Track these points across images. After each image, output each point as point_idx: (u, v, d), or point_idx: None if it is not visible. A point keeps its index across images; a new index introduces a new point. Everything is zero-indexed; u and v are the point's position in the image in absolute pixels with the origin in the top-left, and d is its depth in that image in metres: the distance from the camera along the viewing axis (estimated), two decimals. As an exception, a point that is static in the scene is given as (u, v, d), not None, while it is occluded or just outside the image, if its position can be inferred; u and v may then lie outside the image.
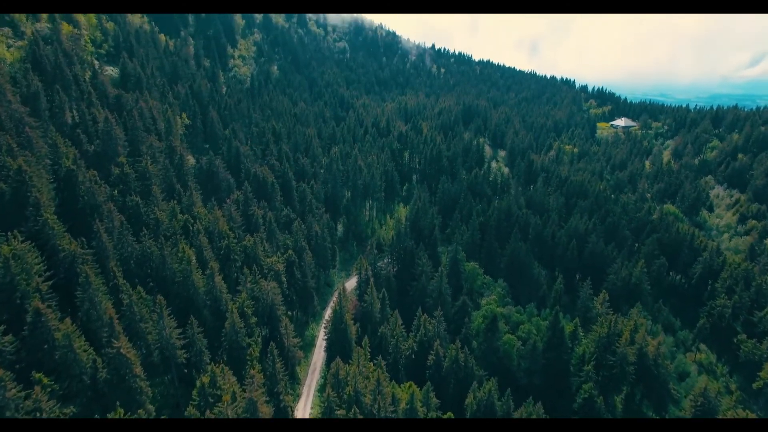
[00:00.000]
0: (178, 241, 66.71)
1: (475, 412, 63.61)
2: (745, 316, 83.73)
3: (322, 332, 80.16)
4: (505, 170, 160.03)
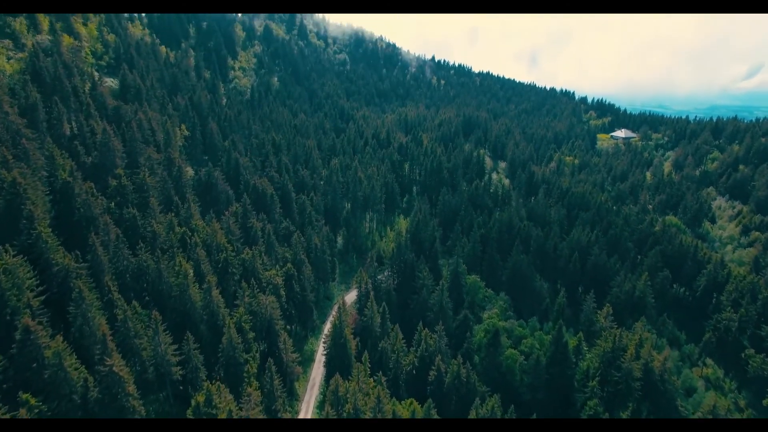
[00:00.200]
0: (175, 254, 65.61)
1: (477, 430, 61.85)
2: (752, 330, 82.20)
3: (322, 347, 78.63)
4: (506, 182, 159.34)
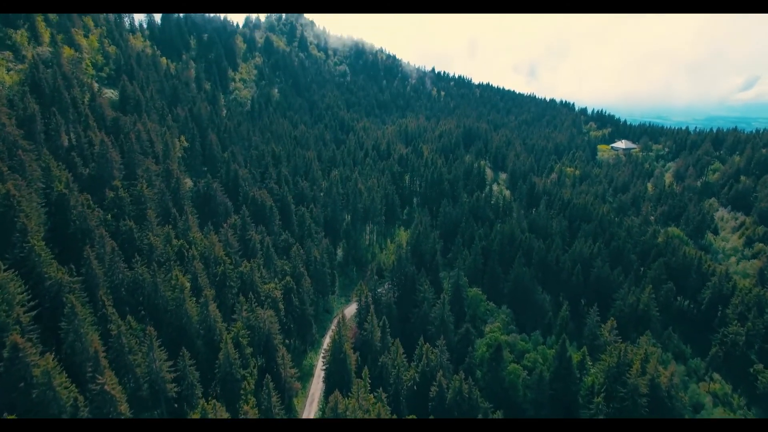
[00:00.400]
0: (172, 267, 64.48)
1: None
2: (760, 344, 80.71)
3: (321, 361, 77.04)
4: (507, 193, 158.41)
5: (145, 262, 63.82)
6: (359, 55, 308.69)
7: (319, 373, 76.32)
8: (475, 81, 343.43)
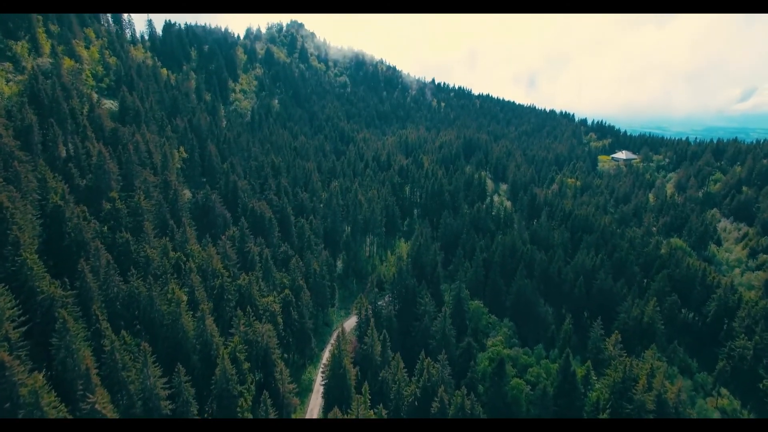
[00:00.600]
0: (168, 280, 63.29)
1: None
2: None
3: (320, 376, 75.37)
4: (508, 204, 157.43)
5: (141, 275, 62.63)
6: (359, 67, 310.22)
7: (318, 389, 74.63)
8: (475, 92, 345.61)
